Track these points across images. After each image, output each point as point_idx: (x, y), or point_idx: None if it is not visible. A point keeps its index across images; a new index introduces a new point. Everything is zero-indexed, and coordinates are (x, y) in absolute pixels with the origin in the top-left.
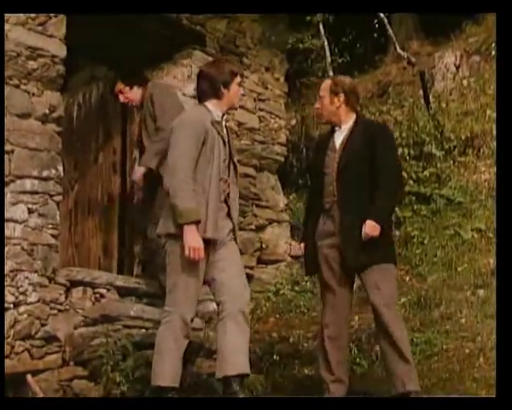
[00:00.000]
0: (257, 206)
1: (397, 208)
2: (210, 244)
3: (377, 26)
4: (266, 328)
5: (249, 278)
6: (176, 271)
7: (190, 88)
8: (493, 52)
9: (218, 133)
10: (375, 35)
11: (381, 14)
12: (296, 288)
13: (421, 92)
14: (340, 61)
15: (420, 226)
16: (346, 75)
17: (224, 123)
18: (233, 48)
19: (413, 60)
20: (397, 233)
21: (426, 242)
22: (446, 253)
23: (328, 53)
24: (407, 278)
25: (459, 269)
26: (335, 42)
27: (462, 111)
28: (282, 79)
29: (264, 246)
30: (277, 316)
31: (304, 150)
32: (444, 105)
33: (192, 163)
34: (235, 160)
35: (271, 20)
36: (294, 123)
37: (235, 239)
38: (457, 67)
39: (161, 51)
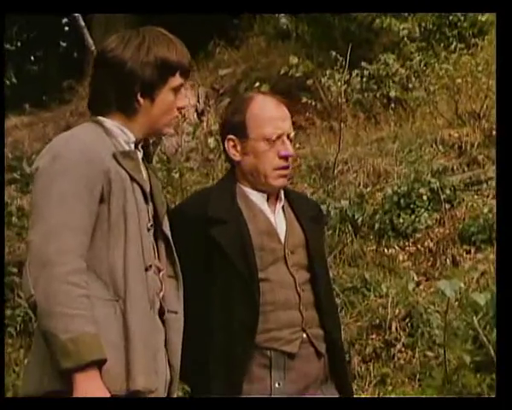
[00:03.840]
0: None
1: None
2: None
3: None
4: None
5: None
6: None
7: None
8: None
9: (131, 178)
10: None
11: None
12: None
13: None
14: None
15: None
16: None
17: (139, 156)
18: None
19: None
20: None
21: None
22: None
23: None
24: None
25: None
26: None
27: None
28: None
29: None
30: None
31: None
32: (176, 175)
33: (81, 240)
34: (165, 228)
35: None
36: None
37: None
38: (200, 114)
39: None
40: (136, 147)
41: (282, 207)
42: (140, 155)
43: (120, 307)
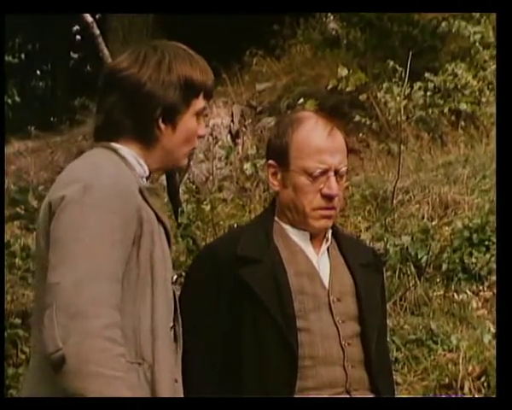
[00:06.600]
0: None
1: None
2: None
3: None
4: None
5: None
6: None
7: None
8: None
9: (158, 218)
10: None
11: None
12: None
13: (163, 181)
14: None
15: None
16: None
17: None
18: None
19: None
20: None
21: None
22: None
23: None
24: None
25: None
26: None
27: None
28: None
29: None
30: None
31: None
32: (206, 208)
33: (115, 289)
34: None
35: None
36: None
37: None
38: (235, 136)
39: None
40: (148, 178)
41: (328, 250)
42: (156, 186)
43: (144, 373)
